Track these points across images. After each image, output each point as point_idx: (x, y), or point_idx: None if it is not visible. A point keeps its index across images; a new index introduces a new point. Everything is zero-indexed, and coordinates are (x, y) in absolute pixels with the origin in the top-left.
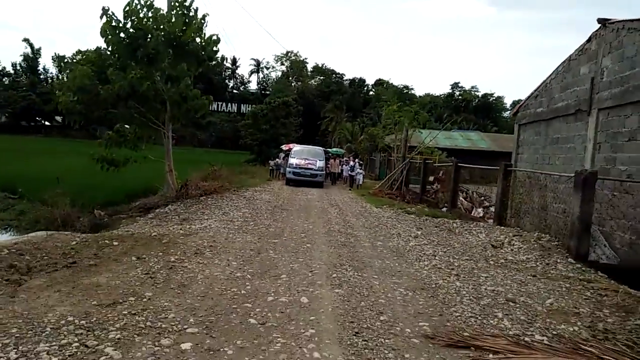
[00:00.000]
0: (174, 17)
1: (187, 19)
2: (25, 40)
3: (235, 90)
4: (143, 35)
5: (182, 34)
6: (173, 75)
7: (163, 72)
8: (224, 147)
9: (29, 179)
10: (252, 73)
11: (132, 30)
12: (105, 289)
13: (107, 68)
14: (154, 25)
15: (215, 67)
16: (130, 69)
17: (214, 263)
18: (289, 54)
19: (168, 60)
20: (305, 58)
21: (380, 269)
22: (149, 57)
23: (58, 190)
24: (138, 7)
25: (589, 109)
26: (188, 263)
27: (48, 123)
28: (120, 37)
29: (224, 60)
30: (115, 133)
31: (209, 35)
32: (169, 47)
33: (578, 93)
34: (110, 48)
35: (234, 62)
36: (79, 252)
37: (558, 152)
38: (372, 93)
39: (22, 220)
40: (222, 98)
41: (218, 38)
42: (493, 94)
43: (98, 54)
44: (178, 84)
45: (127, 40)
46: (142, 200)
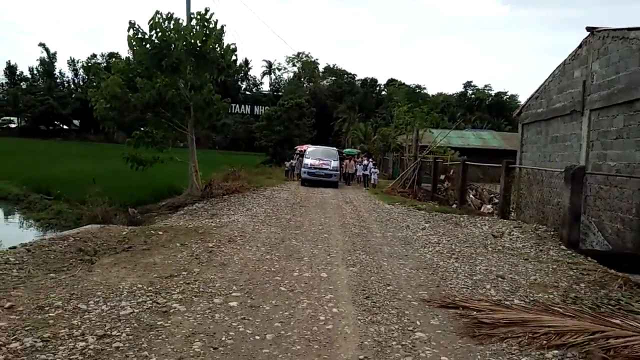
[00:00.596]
0: (195, 28)
1: (207, 30)
2: (42, 45)
3: (248, 92)
4: (167, 46)
5: (202, 44)
6: (197, 84)
7: (186, 80)
8: (238, 148)
9: (60, 182)
10: (264, 74)
11: (157, 42)
12: (161, 266)
13: (135, 77)
14: (177, 37)
15: (234, 73)
16: (156, 78)
17: (246, 248)
18: (301, 55)
19: (190, 69)
20: (317, 59)
21: (389, 254)
22: (173, 66)
23: (97, 190)
24: (161, 20)
25: (582, 110)
26: (224, 248)
27: (66, 127)
28: (147, 48)
29: (242, 68)
30: (144, 134)
31: (227, 44)
32: (191, 56)
33: (572, 95)
34: (138, 58)
35: (246, 63)
36: (131, 239)
37: (557, 149)
38: (384, 93)
39: (60, 219)
40: (235, 100)
41: (235, 47)
42: (506, 92)
43: (126, 64)
44: (201, 91)
45: (153, 51)
46: (169, 200)
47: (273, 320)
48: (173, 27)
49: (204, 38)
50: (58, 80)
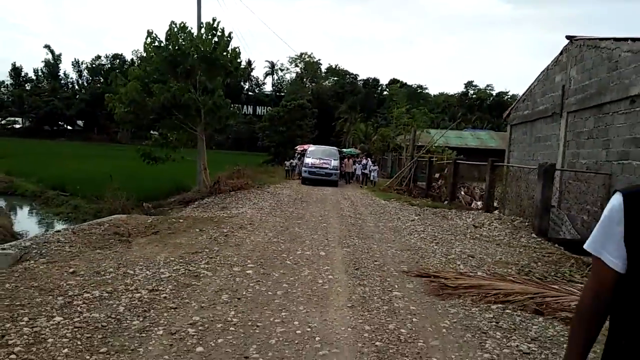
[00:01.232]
0: (205, 37)
1: (216, 38)
2: (47, 47)
3: (251, 93)
4: (182, 54)
5: (212, 51)
6: (209, 88)
7: (197, 84)
8: (241, 148)
9: (74, 179)
10: (266, 75)
11: (172, 50)
12: (186, 246)
13: (150, 82)
14: (190, 45)
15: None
16: (170, 83)
17: (255, 233)
18: (303, 56)
19: (200, 74)
20: (319, 59)
21: (379, 239)
22: (187, 72)
23: (116, 186)
24: (175, 29)
25: (561, 112)
26: (237, 233)
27: (70, 127)
28: (163, 55)
29: (246, 70)
30: (160, 136)
31: (233, 48)
32: (203, 62)
33: (553, 98)
34: (154, 65)
35: (249, 64)
36: (157, 226)
37: (540, 149)
38: (386, 93)
39: (78, 213)
40: (238, 100)
41: (239, 51)
42: (508, 92)
43: (143, 70)
44: (212, 95)
45: (169, 58)
46: (178, 196)
47: (281, 283)
48: (186, 36)
49: (214, 46)
50: (62, 82)
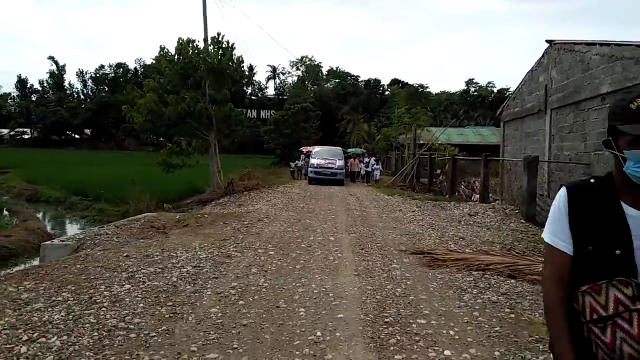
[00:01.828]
0: (213, 50)
1: (222, 50)
2: (51, 58)
3: (254, 97)
4: (192, 67)
5: (219, 63)
6: (217, 99)
7: (207, 95)
8: (246, 152)
9: (94, 185)
10: (269, 79)
11: (183, 64)
12: (215, 235)
13: (165, 94)
14: (198, 58)
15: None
16: (183, 93)
17: (272, 225)
18: (304, 59)
19: (209, 84)
20: (320, 62)
21: (382, 227)
22: (197, 83)
23: (140, 189)
24: (184, 44)
25: (545, 109)
26: (256, 224)
27: (77, 136)
28: (175, 69)
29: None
30: (175, 144)
31: (238, 57)
32: (210, 73)
33: (539, 96)
34: (168, 79)
35: (251, 69)
36: (185, 220)
37: (529, 143)
38: (388, 93)
39: (103, 215)
40: (242, 105)
41: (242, 59)
42: (509, 89)
43: (157, 82)
44: (222, 107)
45: (180, 71)
46: (194, 197)
47: (299, 260)
48: (194, 50)
49: (220, 58)
50: (68, 92)
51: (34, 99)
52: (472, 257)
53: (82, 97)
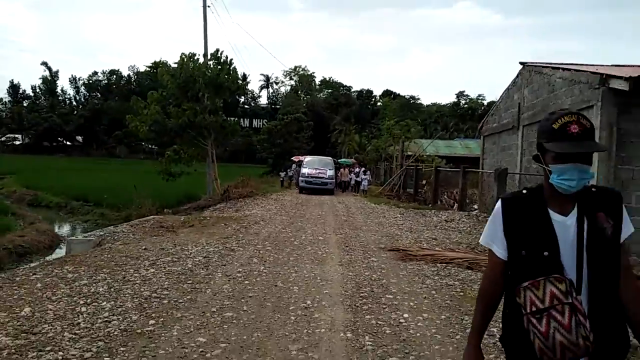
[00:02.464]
0: (212, 64)
1: (220, 66)
2: (44, 64)
3: (247, 106)
4: (192, 81)
5: (217, 77)
6: (213, 109)
7: (205, 106)
8: (238, 160)
9: (93, 190)
10: (262, 88)
11: (184, 78)
12: (218, 234)
13: (168, 106)
14: (198, 73)
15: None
16: (184, 105)
17: (268, 226)
18: (297, 69)
19: (207, 96)
20: (313, 72)
21: (366, 230)
22: (196, 96)
23: (143, 194)
24: (185, 59)
25: (518, 125)
26: (254, 226)
27: (69, 143)
28: (177, 82)
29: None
30: (173, 153)
31: (233, 68)
32: (209, 86)
33: (513, 113)
34: (170, 92)
35: (244, 78)
36: (190, 222)
37: (505, 157)
38: (379, 104)
39: (105, 219)
40: (234, 114)
41: (236, 70)
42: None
43: (161, 95)
44: (216, 116)
45: (181, 85)
46: (191, 204)
47: (292, 254)
48: (195, 65)
49: (218, 73)
50: (60, 98)
51: (26, 105)
52: (439, 253)
53: (74, 103)
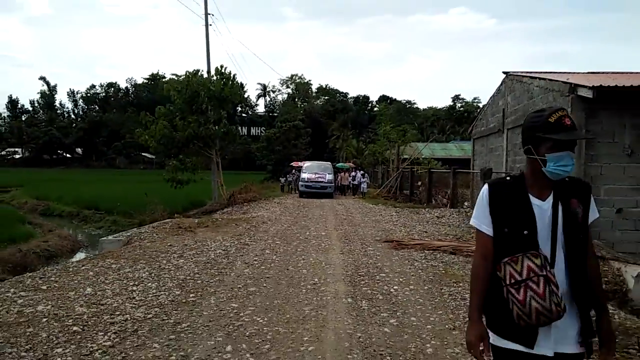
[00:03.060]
0: (217, 80)
1: (224, 81)
2: (42, 79)
3: (244, 114)
4: (197, 95)
5: (222, 91)
6: (216, 119)
7: (209, 118)
8: (237, 168)
9: (103, 199)
10: (259, 97)
11: (189, 92)
12: (231, 232)
13: (174, 119)
14: (203, 88)
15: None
16: (189, 118)
17: (275, 225)
18: (294, 77)
19: (211, 109)
20: (310, 80)
21: (364, 226)
22: (201, 109)
23: (156, 201)
24: (190, 77)
25: (503, 129)
26: (262, 225)
27: (69, 155)
28: (183, 97)
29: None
30: (178, 162)
31: (236, 82)
32: (213, 100)
33: (498, 118)
34: (177, 106)
35: (242, 87)
36: (204, 223)
37: (493, 158)
38: (376, 109)
39: (118, 226)
40: (232, 122)
41: (240, 84)
42: None
43: (168, 110)
44: (220, 125)
45: (187, 99)
46: (199, 208)
47: (299, 246)
48: (199, 80)
49: (222, 87)
50: (59, 111)
51: (24, 119)
52: (427, 242)
53: (72, 116)
